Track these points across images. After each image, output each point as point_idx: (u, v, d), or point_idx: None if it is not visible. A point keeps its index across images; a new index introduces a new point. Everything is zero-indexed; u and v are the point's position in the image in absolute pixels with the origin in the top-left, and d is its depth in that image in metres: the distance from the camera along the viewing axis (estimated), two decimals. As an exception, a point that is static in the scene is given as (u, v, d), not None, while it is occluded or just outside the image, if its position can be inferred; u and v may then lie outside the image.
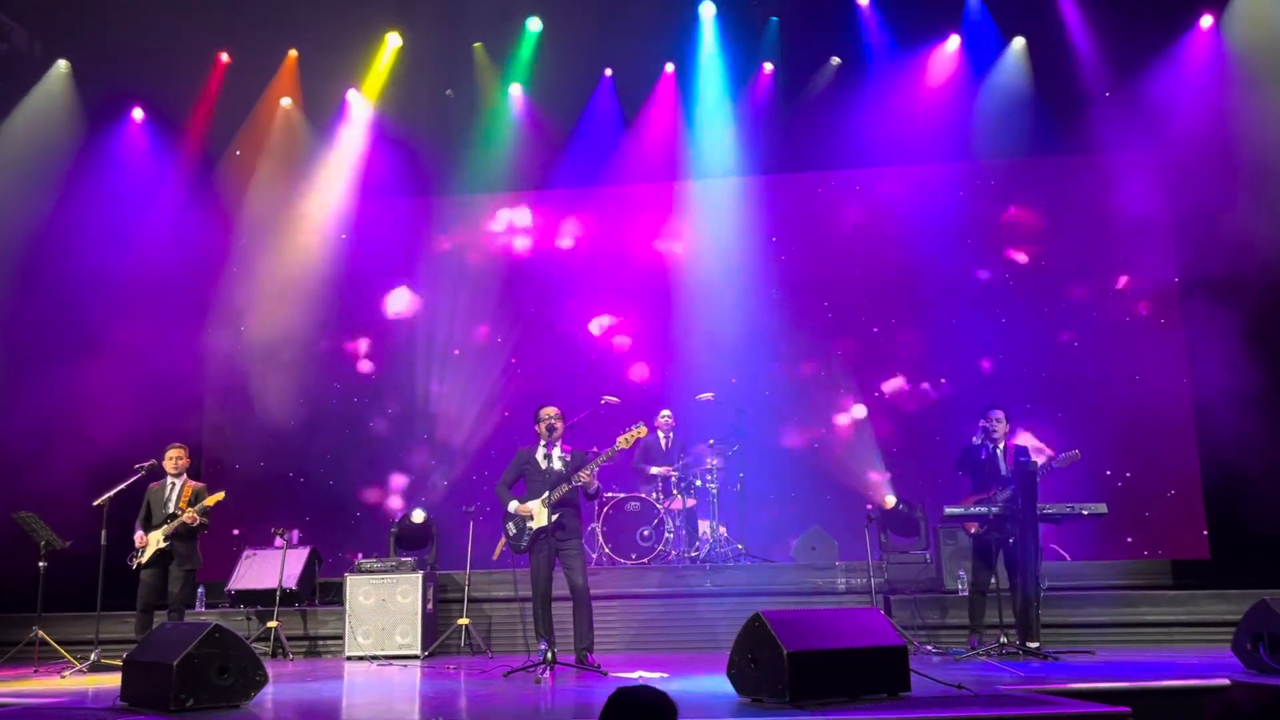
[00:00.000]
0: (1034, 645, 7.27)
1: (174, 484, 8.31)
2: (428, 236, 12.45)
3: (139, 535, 8.19)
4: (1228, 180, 9.87)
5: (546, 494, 7.29)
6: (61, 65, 11.32)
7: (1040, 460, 7.78)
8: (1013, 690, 5.47)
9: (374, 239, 12.31)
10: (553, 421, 7.45)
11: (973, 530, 7.92)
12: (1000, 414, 8.02)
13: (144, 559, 8.12)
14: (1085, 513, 7.66)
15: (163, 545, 8.09)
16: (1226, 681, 5.63)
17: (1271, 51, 10.08)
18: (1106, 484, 10.65)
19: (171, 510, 8.15)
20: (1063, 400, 10.97)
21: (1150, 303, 11.23)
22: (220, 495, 8.23)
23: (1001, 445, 7.95)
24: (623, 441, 7.43)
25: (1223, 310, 9.91)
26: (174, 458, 8.34)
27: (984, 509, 7.63)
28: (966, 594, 8.25)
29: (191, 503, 8.15)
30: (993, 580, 7.81)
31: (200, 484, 8.44)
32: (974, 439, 8.13)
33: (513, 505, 7.45)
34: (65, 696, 6.55)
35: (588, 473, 7.32)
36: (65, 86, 11.33)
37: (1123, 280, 11.33)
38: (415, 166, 12.04)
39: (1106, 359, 11.11)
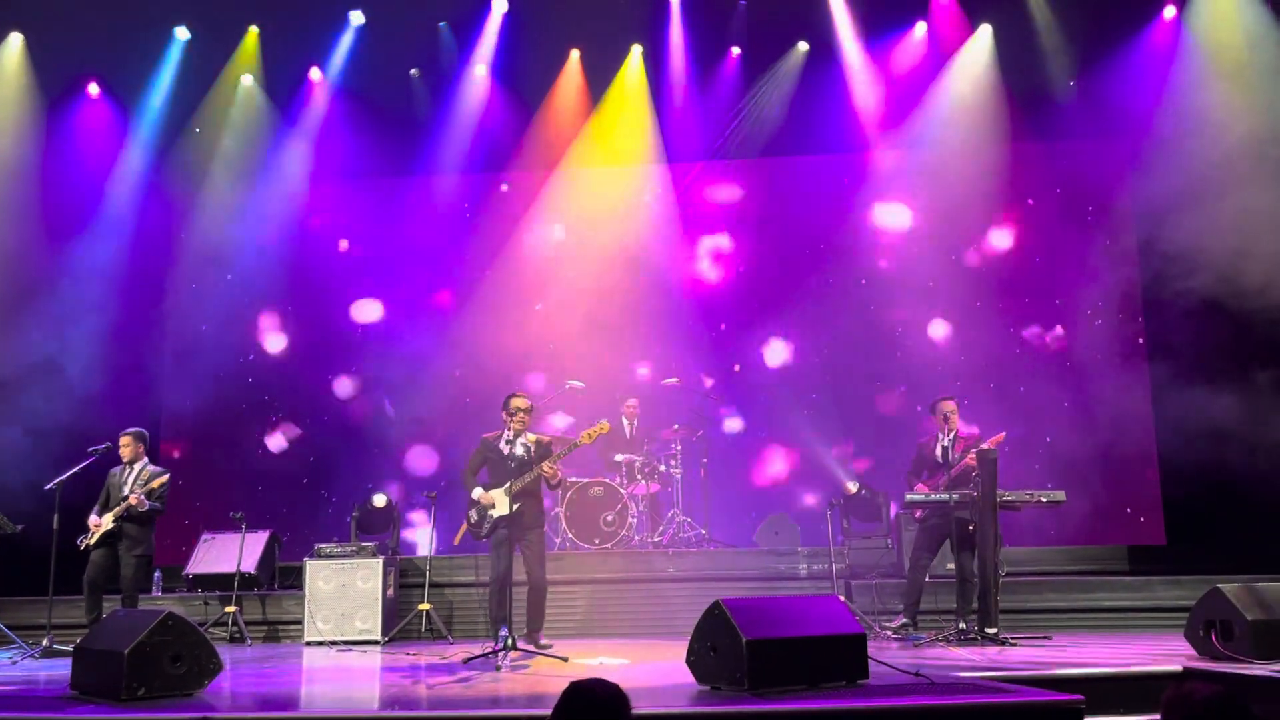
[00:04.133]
0: (992, 631, 7.33)
1: (131, 468, 8.25)
2: (390, 217, 12.30)
3: (93, 518, 8.10)
4: (1189, 170, 9.95)
5: (509, 483, 7.26)
6: (15, 38, 11.08)
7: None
8: (969, 678, 5.51)
9: (335, 219, 12.17)
10: (521, 412, 7.41)
11: (918, 515, 8.10)
12: (952, 403, 8.10)
13: (92, 540, 8.03)
14: (1044, 499, 7.72)
15: (111, 528, 7.99)
16: (1179, 668, 5.72)
17: (1230, 44, 10.18)
18: (1065, 471, 10.75)
19: (126, 493, 8.07)
20: (1020, 387, 11.06)
21: (1109, 290, 11.30)
22: (165, 477, 8.15)
23: (953, 434, 8.01)
24: (585, 437, 7.46)
25: (1181, 299, 10.01)
26: (124, 445, 8.28)
27: (944, 496, 7.69)
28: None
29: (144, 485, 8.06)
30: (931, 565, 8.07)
31: (158, 468, 8.35)
32: (919, 440, 8.28)
33: (476, 492, 7.46)
34: (16, 684, 6.44)
35: (550, 465, 7.31)
36: (19, 60, 11.10)
37: (1083, 268, 11.41)
38: (376, 146, 11.89)
39: (1065, 346, 11.21)
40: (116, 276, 11.14)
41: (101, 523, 8.03)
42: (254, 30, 11.53)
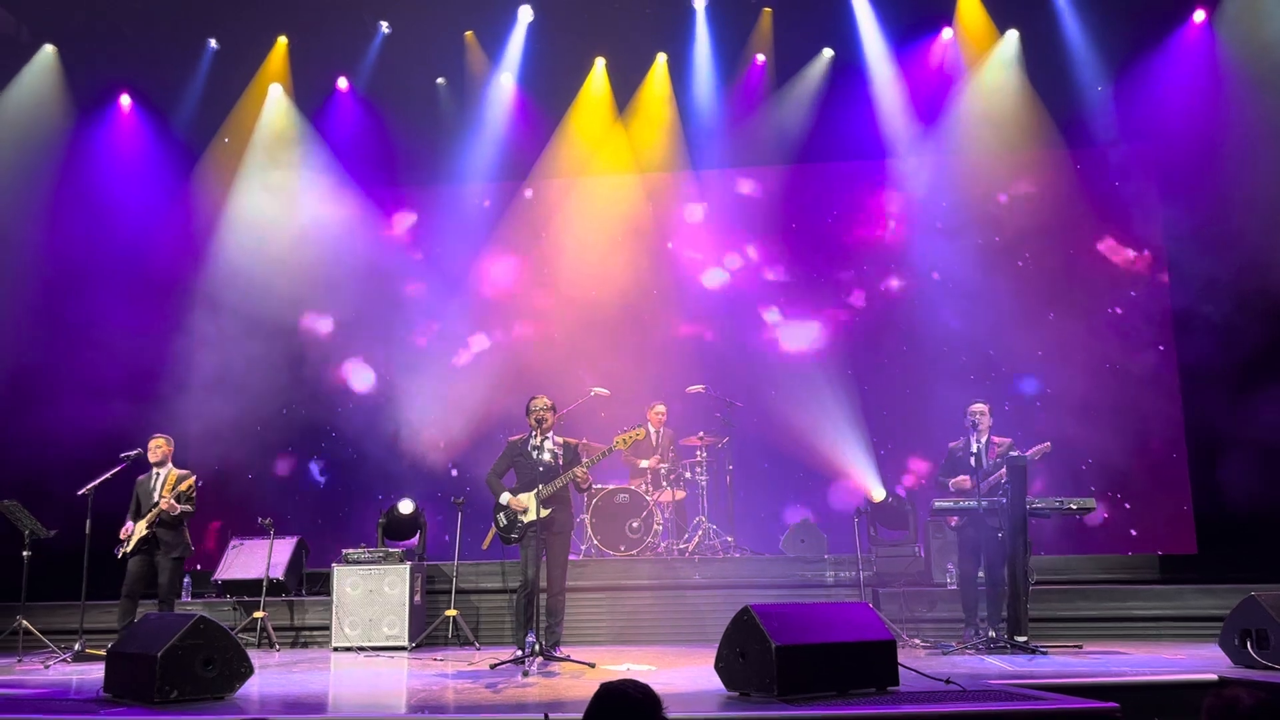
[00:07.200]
0: (1022, 639, 7.27)
1: (159, 474, 8.33)
2: (416, 225, 12.36)
3: (126, 526, 8.19)
4: (1218, 175, 9.86)
5: (539, 488, 7.23)
6: (48, 50, 11.23)
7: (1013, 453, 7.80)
8: (1000, 685, 5.46)
9: (362, 227, 12.23)
10: (542, 414, 7.40)
11: (953, 523, 8.05)
12: (984, 407, 8.03)
13: (129, 549, 8.11)
14: (1074, 507, 7.66)
15: (145, 534, 8.07)
16: (1214, 677, 5.65)
17: (1262, 48, 10.08)
18: (1095, 479, 10.66)
19: (155, 499, 8.13)
20: (1050, 393, 10.97)
21: (1138, 294, 11.21)
22: (192, 479, 8.23)
23: (985, 439, 7.94)
24: (619, 442, 7.42)
25: (1211, 302, 9.92)
26: (155, 447, 8.34)
27: (973, 503, 7.63)
28: (955, 587, 8.31)
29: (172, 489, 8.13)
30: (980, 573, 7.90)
31: (184, 471, 8.38)
32: (950, 444, 8.22)
33: (505, 497, 7.40)
34: (48, 687, 6.50)
35: (582, 470, 7.31)
36: (53, 72, 11.26)
37: (1111, 272, 11.32)
38: (403, 154, 11.96)
39: (1094, 351, 11.10)
40: (146, 284, 11.25)
41: (136, 529, 8.10)
42: (282, 40, 11.66)
